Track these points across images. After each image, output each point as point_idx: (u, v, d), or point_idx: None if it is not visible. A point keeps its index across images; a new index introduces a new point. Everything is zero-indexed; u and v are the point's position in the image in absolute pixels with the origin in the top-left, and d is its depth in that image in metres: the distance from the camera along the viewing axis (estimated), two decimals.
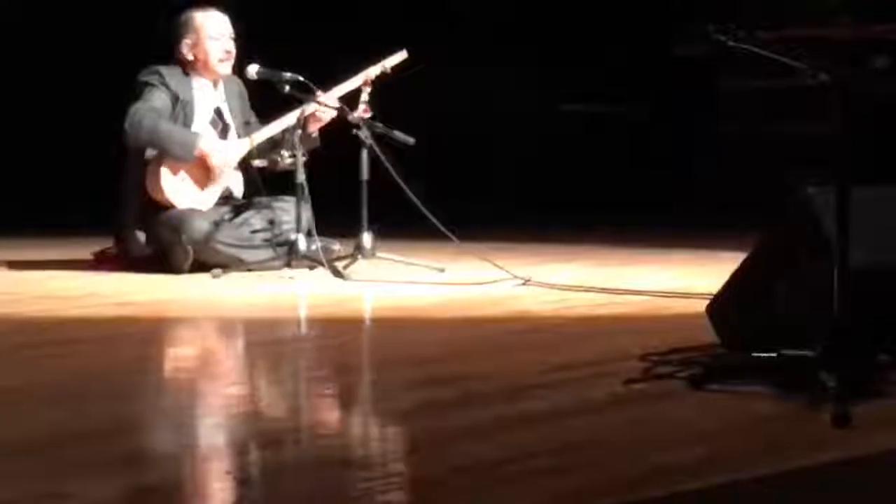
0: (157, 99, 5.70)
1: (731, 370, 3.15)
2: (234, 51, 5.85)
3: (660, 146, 9.35)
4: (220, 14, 5.90)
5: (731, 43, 3.09)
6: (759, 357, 3.11)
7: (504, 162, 9.50)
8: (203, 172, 5.72)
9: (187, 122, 5.76)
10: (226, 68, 5.86)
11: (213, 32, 5.82)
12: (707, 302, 3.47)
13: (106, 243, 6.00)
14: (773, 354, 3.09)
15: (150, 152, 5.66)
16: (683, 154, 9.27)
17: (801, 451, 2.55)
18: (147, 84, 5.72)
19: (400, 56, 5.81)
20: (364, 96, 5.69)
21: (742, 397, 3.01)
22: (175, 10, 5.93)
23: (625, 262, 6.33)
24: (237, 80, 5.92)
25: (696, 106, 9.39)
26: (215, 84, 5.88)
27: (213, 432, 2.83)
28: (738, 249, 4.14)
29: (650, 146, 9.38)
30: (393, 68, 5.79)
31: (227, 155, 5.76)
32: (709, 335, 3.41)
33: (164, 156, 5.64)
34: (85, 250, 6.14)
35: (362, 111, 5.65)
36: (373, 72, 5.74)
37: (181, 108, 5.75)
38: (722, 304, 3.39)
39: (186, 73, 5.82)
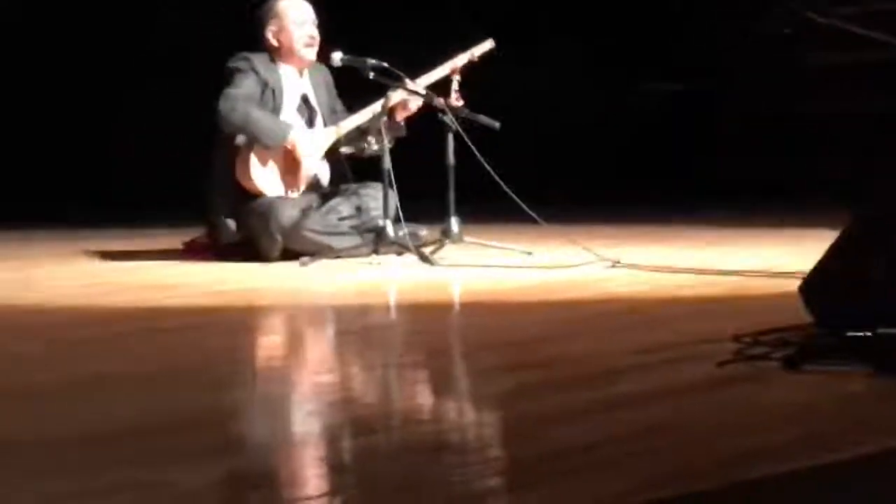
0: (248, 85, 5.75)
1: (825, 350, 3.11)
2: (318, 36, 5.88)
3: (745, 126, 9.26)
4: (304, 1, 5.94)
5: (820, 19, 3.05)
6: (855, 336, 3.07)
7: (585, 143, 9.46)
8: (292, 162, 5.75)
9: (276, 109, 5.80)
10: (311, 54, 5.89)
11: (297, 18, 5.87)
12: (798, 281, 3.43)
13: (196, 232, 6.06)
14: (869, 333, 3.05)
15: (239, 139, 5.70)
16: (769, 135, 9.18)
17: (895, 431, 2.51)
18: (237, 70, 5.77)
19: (487, 45, 5.81)
20: (455, 84, 5.69)
21: (837, 377, 2.97)
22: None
23: (712, 242, 6.29)
24: (323, 69, 5.95)
25: (781, 84, 9.29)
26: (301, 72, 5.92)
27: (306, 420, 2.84)
28: (827, 227, 4.11)
29: (734, 126, 9.30)
30: (480, 57, 5.79)
31: (315, 146, 5.78)
32: (801, 315, 3.37)
33: (253, 144, 5.67)
34: (176, 239, 6.20)
35: (455, 99, 5.65)
36: (460, 60, 5.75)
37: (270, 95, 5.80)
38: (816, 283, 3.35)
39: (273, 61, 5.86)
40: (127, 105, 8.77)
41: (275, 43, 5.88)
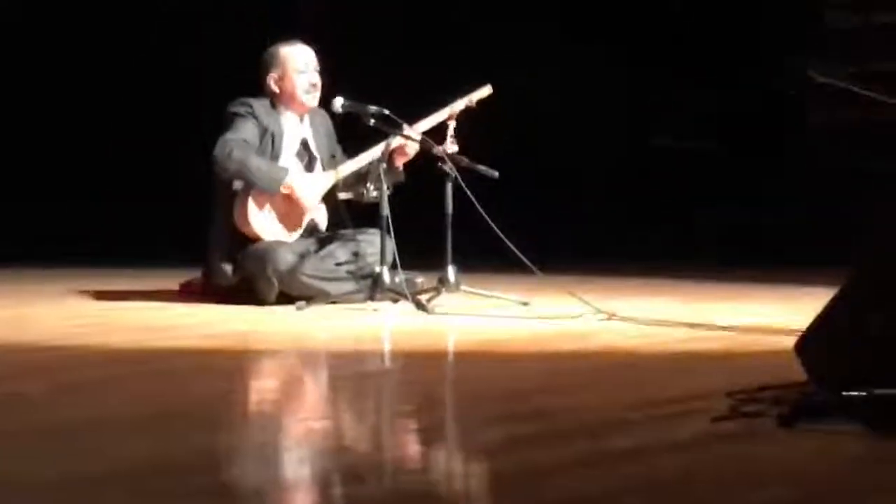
0: (247, 130, 5.75)
1: (821, 408, 3.10)
2: (319, 83, 5.90)
3: (747, 181, 9.28)
4: (306, 47, 5.96)
5: (823, 80, 3.06)
6: (851, 395, 3.06)
7: (589, 195, 9.47)
8: (289, 206, 5.76)
9: (275, 154, 5.80)
10: (312, 101, 5.91)
11: (299, 65, 5.88)
12: (793, 338, 3.42)
13: (193, 274, 6.06)
14: (865, 393, 3.04)
15: (237, 184, 5.71)
16: (771, 189, 9.20)
17: (892, 494, 2.50)
18: (237, 115, 5.78)
19: (485, 90, 5.82)
20: (451, 130, 5.70)
21: (832, 437, 2.96)
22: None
23: (707, 297, 6.29)
24: (323, 114, 5.96)
25: (786, 141, 9.32)
26: (302, 117, 5.93)
27: (297, 466, 2.83)
28: (821, 285, 4.11)
29: (737, 181, 9.31)
30: (478, 102, 5.80)
31: (313, 190, 5.79)
32: (797, 372, 3.36)
33: (251, 188, 5.68)
34: (172, 281, 6.20)
35: (450, 144, 5.66)
36: (458, 106, 5.76)
37: (269, 140, 5.80)
38: (812, 341, 3.34)
39: (274, 106, 5.87)
40: (125, 146, 8.77)
41: (276, 89, 5.89)
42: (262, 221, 5.71)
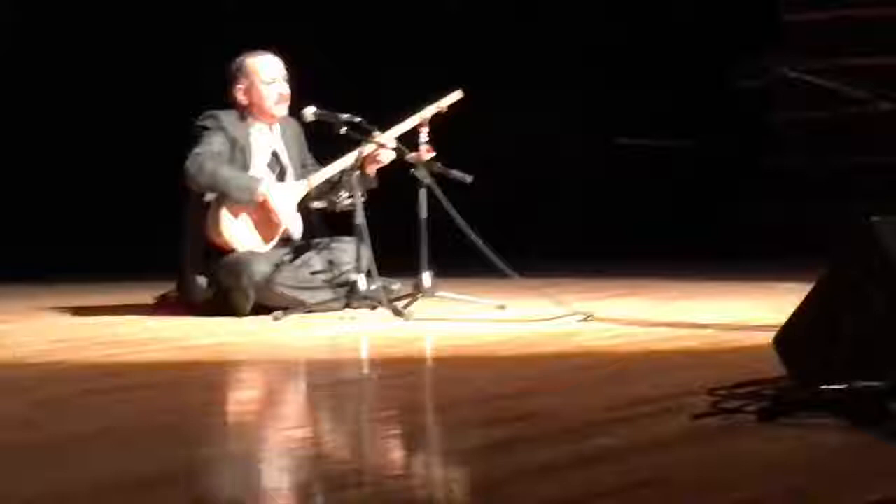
0: (216, 143, 5.73)
1: (799, 403, 3.10)
2: (288, 93, 5.87)
3: (714, 179, 9.30)
4: (273, 57, 5.92)
5: (792, 74, 3.07)
6: (829, 389, 3.07)
7: (559, 196, 9.48)
8: (263, 215, 5.74)
9: (245, 166, 5.79)
10: (281, 110, 5.88)
11: (266, 77, 5.84)
12: (771, 334, 3.44)
13: (166, 287, 6.03)
14: (843, 387, 3.05)
15: (209, 196, 5.69)
16: (740, 188, 9.22)
17: (871, 485, 2.50)
18: (205, 128, 5.75)
19: (456, 95, 5.81)
20: (423, 136, 5.68)
21: (812, 431, 2.96)
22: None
23: (683, 295, 6.30)
24: (294, 122, 5.94)
25: (750, 139, 9.34)
26: (271, 127, 5.91)
27: (278, 476, 2.82)
28: (797, 281, 4.12)
29: (703, 179, 9.34)
30: (449, 108, 5.79)
31: (287, 199, 5.78)
32: (775, 368, 3.37)
33: (223, 199, 5.66)
34: (146, 295, 6.17)
35: (424, 151, 5.64)
36: (428, 112, 5.74)
37: (239, 152, 5.78)
38: (790, 336, 3.35)
39: (243, 117, 5.84)
40: (97, 157, 8.73)
41: (244, 101, 5.85)
42: (236, 232, 5.69)
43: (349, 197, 5.63)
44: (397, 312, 5.42)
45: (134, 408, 3.65)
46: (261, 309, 5.60)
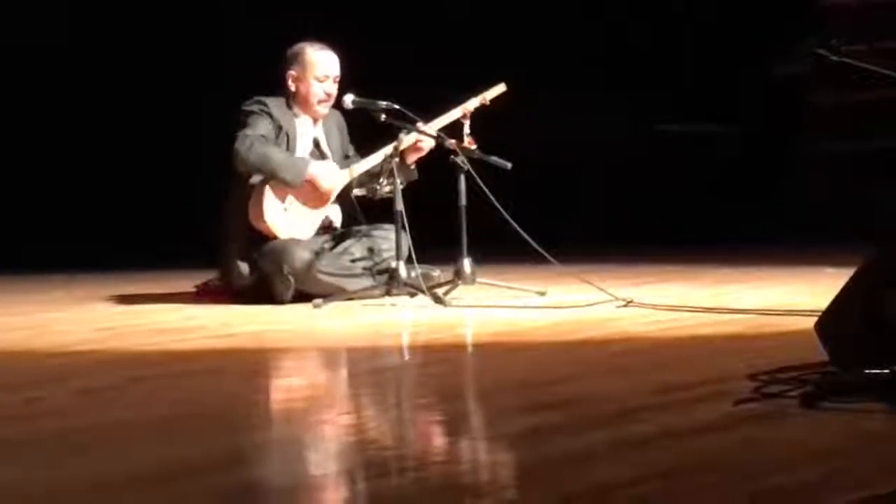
0: (262, 127, 5.75)
1: (842, 388, 3.10)
2: (334, 94, 5.86)
3: (756, 165, 9.27)
4: (331, 54, 5.90)
5: (834, 58, 3.05)
6: (871, 374, 3.06)
7: (597, 183, 9.46)
8: (311, 196, 5.75)
9: (289, 153, 5.80)
10: (323, 109, 5.89)
11: (320, 73, 5.85)
12: (812, 319, 3.43)
13: (209, 275, 6.06)
14: (886, 371, 3.04)
15: (254, 178, 5.70)
16: (783, 173, 9.18)
17: None
18: (251, 113, 5.78)
19: (499, 88, 5.81)
20: (466, 128, 5.68)
21: (855, 415, 2.96)
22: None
23: (723, 280, 6.28)
24: (336, 114, 5.96)
25: (791, 124, 9.30)
26: (315, 121, 5.93)
27: (323, 462, 2.84)
28: (840, 265, 4.10)
29: (747, 165, 9.30)
30: (492, 100, 5.79)
31: (335, 176, 5.79)
32: (816, 352, 3.37)
33: (268, 183, 5.68)
34: (188, 282, 6.21)
35: (468, 143, 5.64)
36: (472, 104, 5.75)
37: (284, 138, 5.81)
38: (832, 321, 3.34)
39: (289, 105, 5.86)
40: (140, 147, 8.78)
41: (292, 87, 5.87)
42: (279, 218, 5.71)
43: (389, 184, 5.64)
44: (437, 299, 5.43)
45: (176, 396, 3.68)
46: (301, 296, 5.62)
